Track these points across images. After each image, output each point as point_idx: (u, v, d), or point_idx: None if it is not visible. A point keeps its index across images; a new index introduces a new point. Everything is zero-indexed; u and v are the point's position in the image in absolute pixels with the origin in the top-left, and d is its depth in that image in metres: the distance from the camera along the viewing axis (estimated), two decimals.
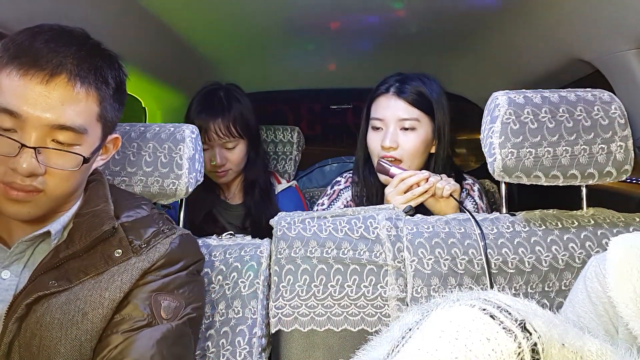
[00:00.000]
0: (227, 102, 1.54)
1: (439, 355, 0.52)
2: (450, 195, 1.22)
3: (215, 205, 1.63)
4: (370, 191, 1.41)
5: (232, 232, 1.15)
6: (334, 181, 1.50)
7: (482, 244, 1.04)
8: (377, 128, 1.35)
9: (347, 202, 1.45)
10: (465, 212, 1.13)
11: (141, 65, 1.61)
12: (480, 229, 1.06)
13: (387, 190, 1.27)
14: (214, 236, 1.13)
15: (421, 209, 1.24)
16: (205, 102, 1.55)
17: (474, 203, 1.39)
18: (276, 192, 1.69)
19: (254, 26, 1.54)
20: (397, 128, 1.32)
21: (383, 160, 1.31)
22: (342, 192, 1.46)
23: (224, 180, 1.60)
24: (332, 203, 1.44)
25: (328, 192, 1.48)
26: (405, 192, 1.23)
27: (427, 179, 1.23)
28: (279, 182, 1.73)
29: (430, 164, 1.37)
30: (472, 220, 1.08)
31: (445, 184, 1.23)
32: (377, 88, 1.39)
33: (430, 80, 1.36)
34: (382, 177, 1.34)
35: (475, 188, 1.42)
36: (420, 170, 1.30)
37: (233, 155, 1.56)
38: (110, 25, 1.27)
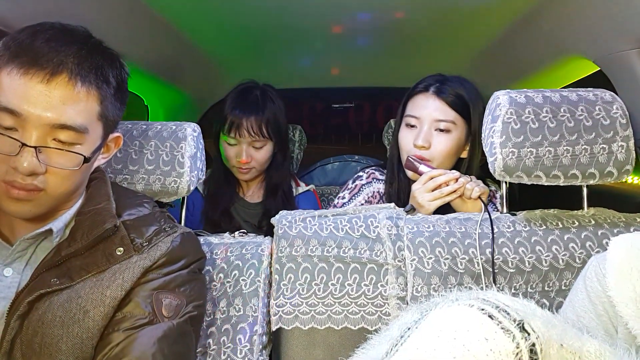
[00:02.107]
0: (262, 102, 1.56)
1: (437, 355, 0.52)
2: (479, 197, 1.21)
3: (233, 201, 1.65)
4: (400, 189, 1.39)
5: (245, 231, 1.15)
6: (356, 175, 1.49)
7: (486, 245, 1.04)
8: (412, 126, 1.34)
9: (369, 197, 1.43)
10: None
11: (143, 63, 1.61)
12: (492, 231, 1.06)
13: (414, 186, 1.26)
14: (227, 234, 1.14)
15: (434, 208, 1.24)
16: (240, 99, 1.56)
17: (495, 210, 1.39)
18: (295, 195, 1.70)
19: (256, 25, 1.54)
20: (431, 128, 1.31)
21: (412, 157, 1.31)
22: (363, 187, 1.45)
23: (246, 177, 1.62)
24: (353, 198, 1.44)
25: (349, 186, 1.47)
26: (433, 191, 1.23)
27: (457, 179, 1.23)
28: (298, 185, 1.74)
29: (461, 168, 1.36)
30: (489, 221, 1.07)
31: (475, 186, 1.22)
32: (415, 86, 1.38)
33: (469, 85, 1.36)
34: (410, 174, 1.33)
35: (498, 195, 1.42)
36: None
37: (259, 154, 1.57)
38: (112, 24, 1.28)
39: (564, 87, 1.52)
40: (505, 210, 1.16)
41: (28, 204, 0.75)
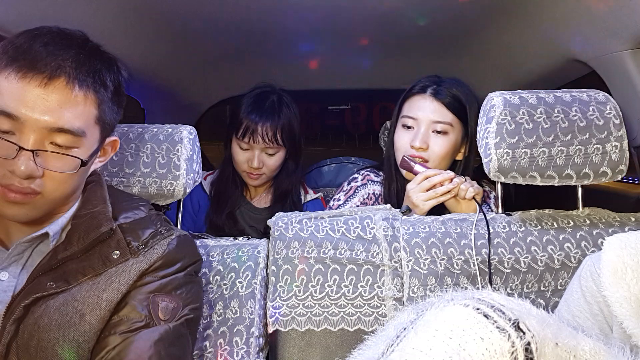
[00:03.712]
0: (279, 108, 1.54)
1: (433, 354, 0.52)
2: (473, 198, 1.21)
3: (239, 205, 1.63)
4: (398, 189, 1.40)
5: (249, 237, 1.15)
6: (351, 177, 1.50)
7: (482, 245, 1.05)
8: (409, 127, 1.35)
9: (364, 199, 1.44)
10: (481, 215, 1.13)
11: (140, 66, 1.61)
12: (489, 231, 1.06)
13: (409, 186, 1.26)
14: (231, 238, 1.14)
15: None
16: (256, 104, 1.54)
17: (489, 210, 1.40)
18: (303, 202, 1.69)
19: (252, 27, 1.54)
20: (429, 129, 1.32)
21: (407, 156, 1.31)
22: (359, 189, 1.45)
23: (255, 183, 1.60)
24: (349, 199, 1.44)
25: (345, 188, 1.47)
26: (427, 190, 1.23)
27: (452, 180, 1.23)
28: (307, 192, 1.72)
29: (456, 169, 1.37)
30: (485, 222, 1.08)
31: (469, 186, 1.23)
32: (412, 87, 1.38)
33: (465, 86, 1.36)
34: (405, 173, 1.34)
35: (492, 195, 1.43)
36: None
37: (271, 161, 1.55)
38: (109, 28, 1.28)
39: (558, 88, 1.53)
40: (500, 210, 1.17)
41: (25, 207, 0.75)
